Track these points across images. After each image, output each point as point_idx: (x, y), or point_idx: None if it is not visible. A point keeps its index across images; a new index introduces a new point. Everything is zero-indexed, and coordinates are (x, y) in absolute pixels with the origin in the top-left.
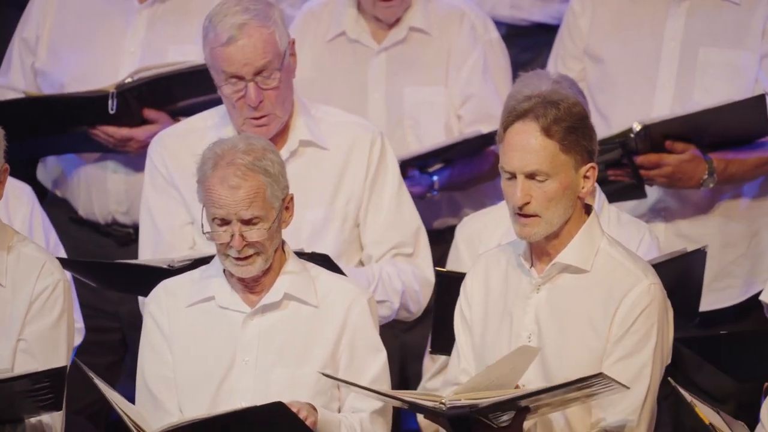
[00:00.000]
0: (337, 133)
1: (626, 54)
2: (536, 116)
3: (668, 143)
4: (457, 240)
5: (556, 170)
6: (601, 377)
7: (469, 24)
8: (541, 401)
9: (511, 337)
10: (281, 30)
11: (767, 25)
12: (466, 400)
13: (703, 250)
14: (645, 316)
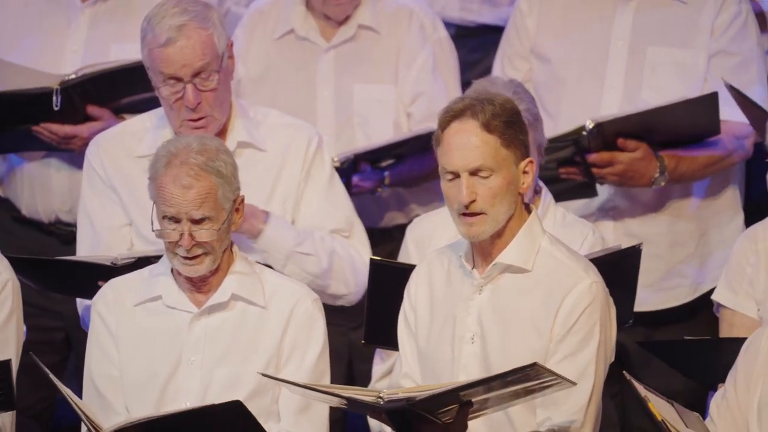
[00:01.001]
0: (275, 135)
1: (574, 53)
2: (474, 113)
3: (620, 141)
4: (407, 240)
5: (499, 165)
6: (536, 367)
7: (418, 22)
8: (483, 396)
9: (454, 340)
10: (220, 32)
11: (715, 24)
12: (403, 393)
13: (638, 248)
14: (587, 315)
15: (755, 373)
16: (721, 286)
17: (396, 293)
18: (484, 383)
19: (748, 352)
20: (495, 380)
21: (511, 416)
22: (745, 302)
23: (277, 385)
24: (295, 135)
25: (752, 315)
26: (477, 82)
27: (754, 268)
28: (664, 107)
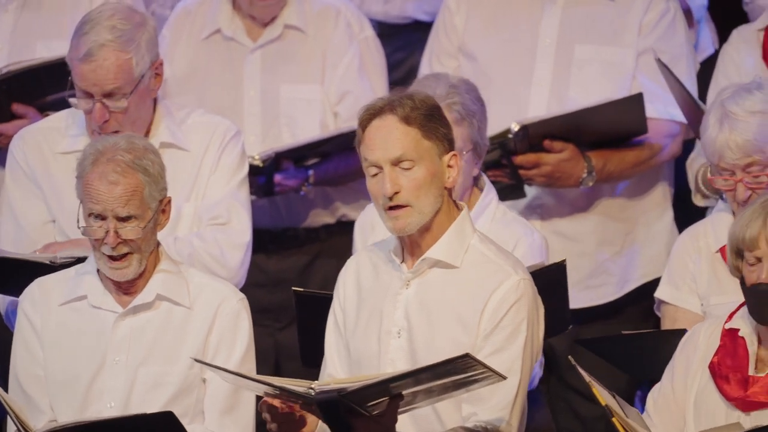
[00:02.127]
0: (197, 134)
1: (502, 51)
2: (392, 109)
3: (546, 142)
4: (355, 228)
5: (420, 156)
6: (467, 358)
7: (345, 22)
8: (413, 388)
9: (381, 334)
10: (142, 54)
11: (643, 22)
12: (335, 384)
13: (562, 264)
14: (514, 312)
15: (693, 367)
16: (664, 283)
17: (322, 317)
18: (417, 374)
19: (687, 346)
20: (427, 371)
21: (438, 411)
22: (688, 298)
23: (202, 385)
24: (214, 131)
25: (695, 310)
26: (423, 76)
27: (696, 265)
28: (590, 108)
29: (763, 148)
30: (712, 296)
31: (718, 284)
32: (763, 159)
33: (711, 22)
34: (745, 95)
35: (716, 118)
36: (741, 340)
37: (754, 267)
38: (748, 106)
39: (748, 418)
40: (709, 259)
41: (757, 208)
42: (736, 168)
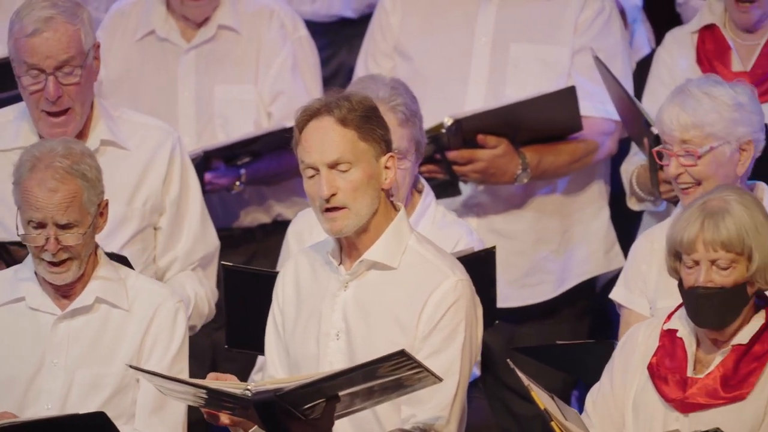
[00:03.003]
0: (138, 135)
1: (437, 51)
2: (329, 110)
3: (480, 138)
4: (288, 235)
5: (357, 158)
6: (403, 354)
7: (279, 22)
8: (351, 389)
9: (320, 336)
10: (87, 30)
11: (579, 20)
12: (271, 385)
13: (492, 250)
14: (452, 313)
15: (632, 367)
16: (619, 284)
17: (253, 296)
18: (354, 371)
19: (626, 347)
20: (363, 368)
21: (378, 413)
22: (638, 300)
23: (137, 386)
24: (158, 136)
25: (645, 313)
26: (359, 78)
27: (648, 267)
28: (523, 102)
29: (702, 127)
30: (660, 300)
31: (667, 288)
32: (696, 141)
33: (647, 22)
34: (714, 83)
35: (673, 93)
36: (679, 341)
37: (691, 270)
38: (708, 89)
39: (687, 419)
40: (661, 263)
41: (695, 211)
42: (673, 143)
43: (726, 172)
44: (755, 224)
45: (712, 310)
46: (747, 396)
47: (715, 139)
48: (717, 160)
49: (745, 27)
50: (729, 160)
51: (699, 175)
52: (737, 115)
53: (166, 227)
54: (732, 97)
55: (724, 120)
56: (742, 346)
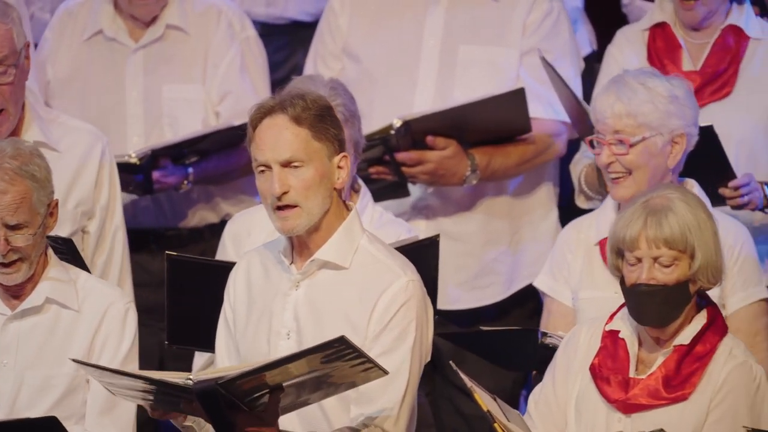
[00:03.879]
0: (69, 137)
1: (386, 53)
2: (283, 108)
3: (429, 139)
4: (225, 237)
5: (310, 157)
6: (342, 341)
7: (227, 21)
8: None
9: (270, 335)
10: (18, 29)
11: (527, 21)
12: (212, 374)
13: (435, 239)
14: (403, 313)
15: (574, 368)
16: (543, 272)
17: (196, 289)
18: (295, 358)
19: (568, 347)
20: (304, 356)
21: (326, 412)
22: (562, 289)
23: (87, 386)
24: (88, 140)
25: (567, 303)
26: (298, 78)
27: (573, 256)
28: (472, 104)
29: (636, 116)
30: (583, 290)
31: (591, 279)
32: (628, 130)
33: (588, 23)
34: (650, 74)
35: (609, 82)
36: (621, 341)
37: (634, 267)
38: (644, 80)
39: (629, 420)
40: (587, 253)
41: (638, 209)
42: (605, 132)
43: (657, 163)
44: (698, 222)
45: (655, 308)
46: (689, 396)
47: (647, 130)
48: (649, 150)
49: (691, 25)
50: (660, 151)
51: (630, 164)
52: (672, 107)
53: (94, 232)
54: (668, 90)
55: (658, 111)
56: (684, 346)
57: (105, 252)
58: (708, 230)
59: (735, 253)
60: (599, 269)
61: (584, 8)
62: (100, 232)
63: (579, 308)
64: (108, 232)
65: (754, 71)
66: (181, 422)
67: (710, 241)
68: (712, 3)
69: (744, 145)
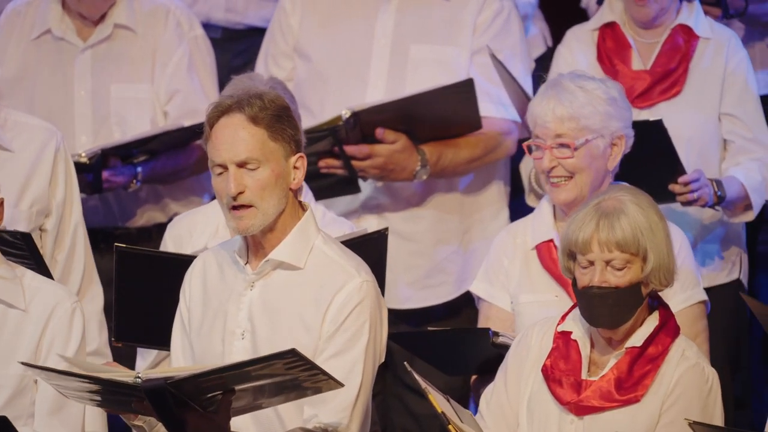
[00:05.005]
0: (22, 136)
1: (337, 52)
2: (241, 108)
3: (378, 132)
4: (166, 240)
5: (266, 157)
6: (293, 354)
7: (175, 21)
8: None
9: (225, 335)
10: None
11: (478, 21)
12: (162, 374)
13: (384, 232)
14: (357, 313)
15: (526, 369)
16: (479, 278)
17: (145, 284)
18: (245, 366)
19: (519, 348)
20: (254, 364)
21: (280, 413)
22: (500, 294)
23: (35, 386)
24: (43, 137)
25: (506, 308)
26: (237, 78)
27: (510, 261)
28: (421, 94)
29: (578, 119)
30: (522, 294)
31: (530, 283)
32: (571, 134)
33: (543, 21)
34: (586, 77)
35: (546, 86)
36: (574, 343)
37: (586, 270)
38: (581, 83)
39: (582, 422)
40: (524, 257)
41: (590, 211)
42: (546, 137)
43: (598, 165)
44: (650, 225)
45: (606, 310)
46: (641, 398)
47: (589, 132)
48: (591, 153)
49: (643, 23)
50: (602, 154)
51: (573, 167)
52: (611, 109)
53: (51, 230)
54: (605, 91)
55: (599, 113)
56: (637, 348)
57: (66, 248)
58: (660, 232)
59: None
60: (537, 273)
61: (539, 5)
62: (58, 229)
63: (518, 312)
64: (67, 227)
65: (703, 70)
66: (131, 421)
67: (662, 243)
68: (664, 0)
69: (694, 143)
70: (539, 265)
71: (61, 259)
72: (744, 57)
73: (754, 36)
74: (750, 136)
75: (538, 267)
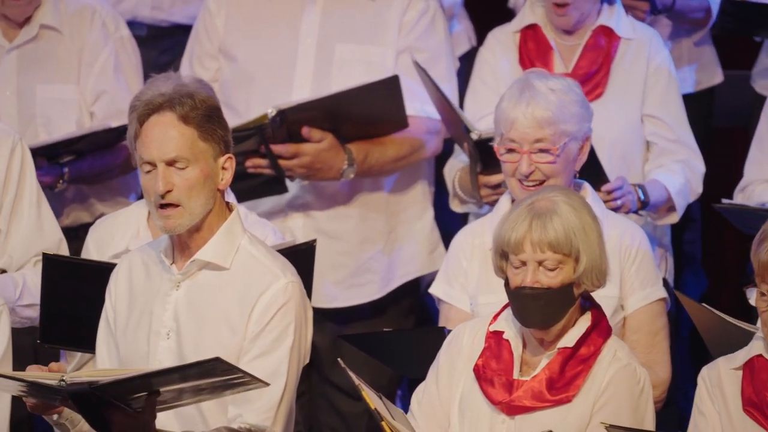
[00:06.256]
0: None
1: (262, 52)
2: (172, 106)
3: (305, 131)
4: (88, 242)
5: (195, 157)
6: (218, 362)
7: (101, 21)
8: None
9: (150, 335)
10: None
11: (403, 21)
12: (86, 377)
13: (312, 244)
14: (282, 314)
15: (458, 369)
16: (439, 279)
17: (72, 289)
18: (169, 372)
19: (451, 347)
20: (175, 372)
21: (203, 412)
22: (459, 296)
23: None
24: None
25: (466, 309)
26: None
27: (469, 262)
28: (347, 91)
29: (557, 124)
30: (481, 295)
31: (488, 284)
32: (551, 138)
33: (467, 19)
34: (549, 75)
35: (518, 88)
36: (506, 342)
37: (518, 270)
38: (551, 84)
39: (513, 422)
40: (482, 258)
41: (523, 211)
42: (524, 142)
43: (571, 168)
44: (583, 225)
45: (538, 311)
46: (573, 399)
47: (566, 136)
48: (566, 156)
49: (564, 29)
50: (575, 156)
51: (552, 172)
52: (582, 110)
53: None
54: (573, 92)
55: (574, 116)
56: (569, 348)
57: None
58: (593, 233)
59: (632, 253)
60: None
61: (463, 4)
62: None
63: (477, 313)
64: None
65: (626, 71)
66: (55, 420)
67: (595, 244)
68: (584, 6)
69: (617, 146)
70: None
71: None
72: (666, 57)
73: (681, 33)
74: (673, 138)
75: None
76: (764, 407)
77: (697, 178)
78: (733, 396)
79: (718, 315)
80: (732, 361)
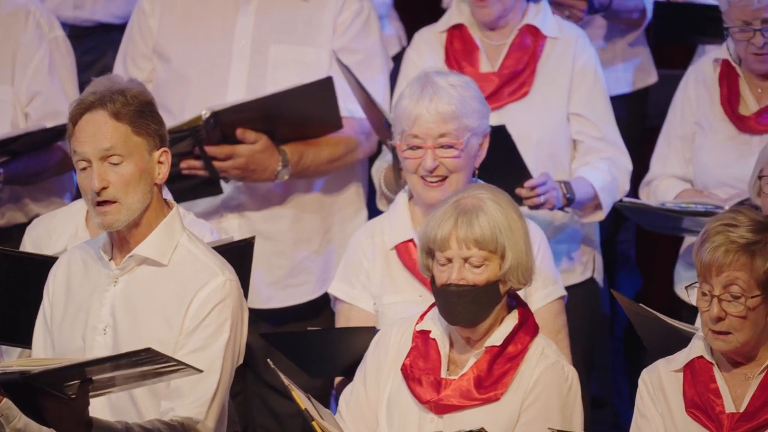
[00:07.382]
0: None
1: (197, 53)
2: (104, 104)
3: (239, 132)
4: (25, 241)
5: (130, 151)
6: (149, 352)
7: (35, 22)
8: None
9: (87, 330)
10: None
11: (337, 21)
12: (18, 366)
13: (251, 241)
14: (218, 311)
15: (385, 369)
16: (338, 279)
17: (10, 284)
18: (101, 362)
19: (378, 348)
20: (111, 360)
21: (137, 404)
22: (361, 296)
23: None
24: None
25: (368, 308)
26: (97, 79)
27: (370, 262)
28: (281, 93)
29: (461, 118)
30: (386, 295)
31: (392, 283)
32: (455, 133)
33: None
34: (449, 72)
35: (418, 85)
36: (433, 342)
37: (444, 267)
38: (451, 80)
39: (441, 420)
40: (384, 258)
41: (449, 209)
42: (428, 137)
43: (471, 164)
44: (509, 223)
45: (464, 308)
46: (501, 397)
47: (468, 131)
48: (468, 152)
49: (486, 23)
50: (476, 152)
51: (456, 166)
52: (481, 106)
53: None
54: (474, 89)
55: (475, 111)
56: (496, 347)
57: None
58: (519, 231)
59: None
60: (399, 273)
61: (393, 5)
62: None
63: (382, 313)
64: None
65: (551, 70)
66: None
67: (521, 241)
68: (507, 0)
69: (543, 145)
70: (401, 265)
71: None
72: (592, 55)
73: (616, 34)
74: (599, 135)
75: (400, 267)
76: (707, 408)
77: (623, 176)
78: (675, 398)
79: (655, 315)
80: (672, 363)
